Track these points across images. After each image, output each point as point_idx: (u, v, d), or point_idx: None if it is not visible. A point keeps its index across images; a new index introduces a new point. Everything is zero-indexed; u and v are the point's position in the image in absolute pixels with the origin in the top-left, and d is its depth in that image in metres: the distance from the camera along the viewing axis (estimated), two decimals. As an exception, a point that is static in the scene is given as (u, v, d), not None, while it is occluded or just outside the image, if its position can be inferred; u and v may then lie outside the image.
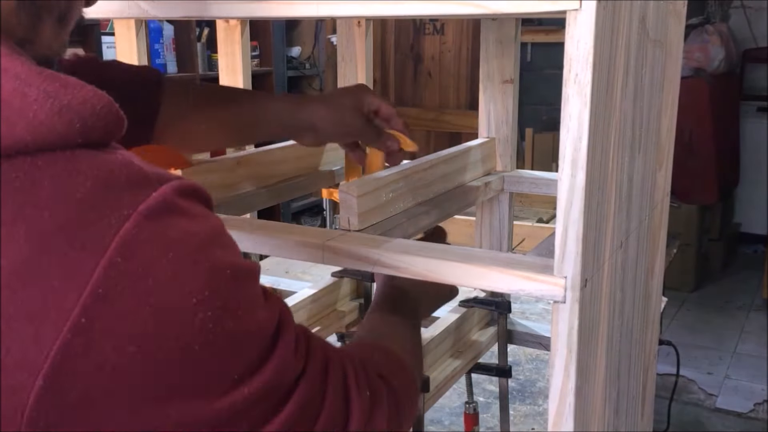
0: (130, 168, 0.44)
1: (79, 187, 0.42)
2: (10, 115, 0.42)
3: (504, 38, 1.08)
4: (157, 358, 0.42)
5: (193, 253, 0.44)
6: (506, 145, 1.12)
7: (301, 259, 0.74)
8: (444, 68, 4.74)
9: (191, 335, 0.43)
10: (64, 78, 0.45)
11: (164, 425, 0.43)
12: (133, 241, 0.42)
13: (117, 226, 0.42)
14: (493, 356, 1.13)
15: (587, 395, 0.69)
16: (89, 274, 0.41)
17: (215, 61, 3.94)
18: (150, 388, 0.43)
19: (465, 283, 0.68)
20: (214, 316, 0.44)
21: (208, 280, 0.44)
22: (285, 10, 0.72)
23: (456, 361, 1.02)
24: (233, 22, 1.20)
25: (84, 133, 0.43)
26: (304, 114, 0.93)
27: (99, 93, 0.45)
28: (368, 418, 0.60)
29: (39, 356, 0.40)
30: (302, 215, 4.64)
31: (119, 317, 0.41)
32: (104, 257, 0.41)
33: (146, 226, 0.42)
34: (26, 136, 0.41)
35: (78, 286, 0.40)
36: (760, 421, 3.09)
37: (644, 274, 0.93)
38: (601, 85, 0.61)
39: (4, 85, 0.42)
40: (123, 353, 0.41)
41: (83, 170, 0.42)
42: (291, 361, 0.52)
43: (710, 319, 4.08)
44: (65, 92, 0.44)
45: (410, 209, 0.89)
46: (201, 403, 0.45)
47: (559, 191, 0.61)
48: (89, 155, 0.43)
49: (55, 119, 0.42)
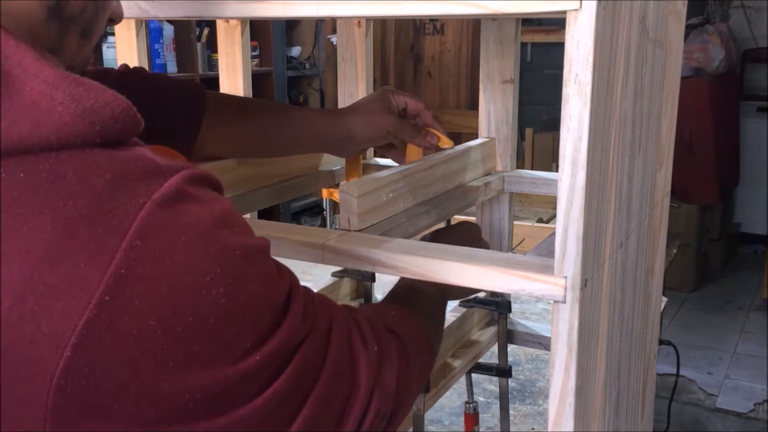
0: (144, 161, 0.48)
1: (98, 179, 0.46)
2: (37, 115, 0.46)
3: (504, 38, 1.08)
4: (175, 330, 0.46)
5: (204, 235, 0.48)
6: (506, 145, 1.12)
7: (301, 259, 0.74)
8: (444, 68, 4.74)
9: (206, 310, 0.47)
10: (88, 82, 0.48)
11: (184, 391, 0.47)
12: (149, 226, 0.46)
13: (134, 213, 0.46)
14: (493, 356, 1.13)
15: (587, 395, 0.69)
16: (112, 256, 0.45)
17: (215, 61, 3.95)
18: (169, 359, 0.46)
19: (465, 283, 0.68)
20: (227, 292, 0.48)
21: (218, 260, 0.48)
22: (285, 10, 0.72)
23: (456, 361, 1.02)
24: (233, 22, 1.20)
25: (103, 134, 0.47)
26: (339, 124, 0.96)
27: (119, 97, 0.49)
28: (377, 374, 0.62)
29: (67, 330, 0.44)
30: (302, 215, 4.64)
31: (140, 295, 0.45)
32: (125, 240, 0.45)
33: (160, 213, 0.46)
34: (51, 136, 0.46)
35: (101, 266, 0.44)
36: (760, 421, 3.09)
37: (644, 274, 0.93)
38: (601, 85, 0.61)
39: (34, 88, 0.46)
40: (144, 327, 0.45)
41: (102, 164, 0.47)
42: (299, 327, 0.55)
43: (710, 319, 4.08)
44: (88, 96, 0.48)
45: (410, 209, 0.89)
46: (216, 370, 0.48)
47: (559, 191, 0.61)
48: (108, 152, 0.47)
49: (78, 120, 0.46)
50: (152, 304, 0.45)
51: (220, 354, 0.49)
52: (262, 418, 0.53)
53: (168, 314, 0.46)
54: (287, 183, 1.09)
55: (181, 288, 0.46)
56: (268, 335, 0.52)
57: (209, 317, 0.47)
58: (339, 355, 0.59)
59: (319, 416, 0.57)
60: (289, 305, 0.55)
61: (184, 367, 0.47)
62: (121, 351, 0.45)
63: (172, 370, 0.47)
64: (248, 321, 0.50)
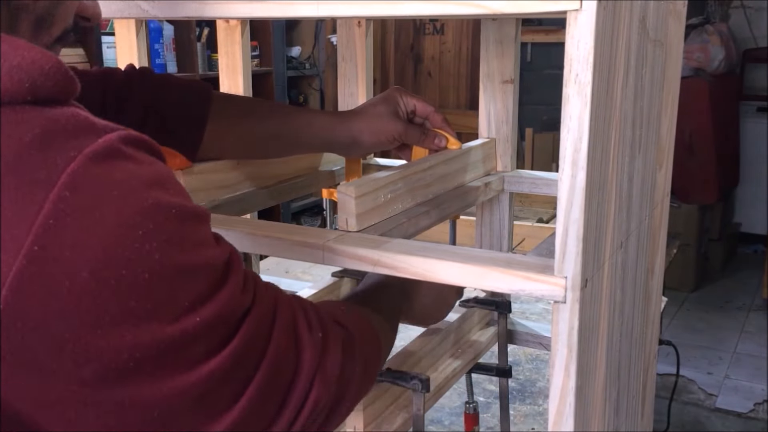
0: (77, 117, 0.48)
1: (27, 133, 0.45)
2: None
3: (504, 38, 1.08)
4: (108, 283, 0.46)
5: (137, 191, 0.48)
6: (506, 145, 1.12)
7: (301, 259, 0.74)
8: (444, 68, 4.74)
9: (139, 264, 0.47)
10: (14, 40, 0.48)
11: (121, 348, 0.47)
12: (80, 179, 0.45)
13: (63, 165, 0.45)
14: (493, 356, 1.13)
15: (587, 395, 0.69)
16: (39, 206, 0.44)
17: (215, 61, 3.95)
18: (104, 313, 0.46)
19: (465, 283, 0.68)
20: (160, 247, 0.48)
21: (151, 215, 0.48)
22: (285, 10, 0.72)
23: (456, 361, 1.02)
24: (233, 22, 1.20)
25: (33, 91, 0.47)
26: (343, 129, 0.95)
27: (47, 54, 0.48)
28: (319, 361, 0.61)
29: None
30: (302, 215, 4.64)
31: (70, 246, 0.45)
32: (53, 192, 0.44)
33: (92, 167, 0.46)
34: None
35: (29, 217, 0.44)
36: (760, 421, 3.09)
37: (644, 274, 0.93)
38: (601, 85, 0.61)
39: None
40: (75, 279, 0.45)
41: (31, 120, 0.46)
42: (239, 296, 0.54)
43: (710, 319, 4.08)
44: (14, 54, 0.47)
45: (410, 210, 0.89)
46: (153, 327, 0.48)
47: (559, 191, 0.61)
48: (38, 109, 0.47)
49: (6, 79, 0.46)
50: (83, 255, 0.45)
51: (156, 311, 0.48)
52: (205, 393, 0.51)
53: (100, 266, 0.45)
54: (287, 183, 1.09)
55: (113, 240, 0.46)
56: (207, 297, 0.51)
57: (143, 272, 0.47)
58: (283, 336, 0.58)
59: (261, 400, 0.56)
60: (228, 273, 0.54)
61: (120, 322, 0.46)
62: (53, 303, 0.44)
63: (108, 324, 0.46)
64: (184, 280, 0.49)
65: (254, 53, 4.28)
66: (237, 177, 1.00)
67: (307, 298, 0.68)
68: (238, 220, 0.85)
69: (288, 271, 1.92)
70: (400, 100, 0.97)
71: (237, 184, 1.00)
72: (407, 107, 0.98)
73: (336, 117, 0.98)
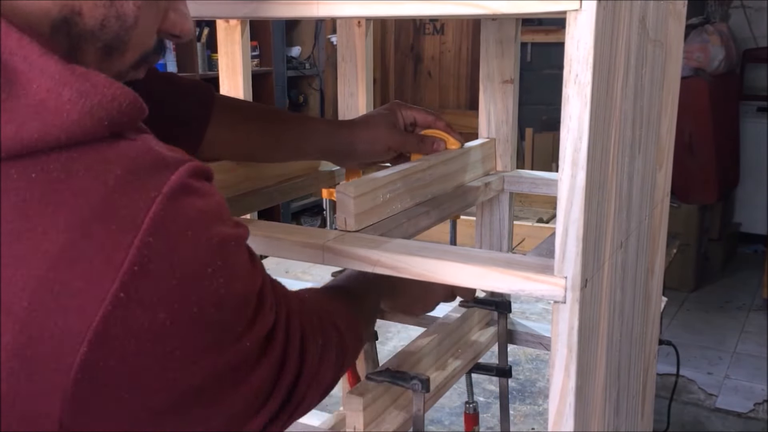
0: (152, 153, 0.49)
1: (110, 175, 0.46)
2: (46, 116, 0.46)
3: (504, 38, 1.08)
4: (183, 321, 0.48)
5: (207, 229, 0.50)
6: (506, 145, 1.12)
7: (301, 259, 0.74)
8: (444, 68, 4.74)
9: (208, 300, 0.49)
10: (95, 76, 0.48)
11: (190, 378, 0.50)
12: (160, 221, 0.47)
13: (145, 208, 0.46)
14: (493, 356, 1.13)
15: (587, 395, 0.69)
16: (126, 253, 0.45)
17: (215, 61, 3.95)
18: (176, 348, 0.48)
19: (465, 283, 0.68)
20: (225, 282, 0.50)
21: (219, 252, 0.50)
22: (285, 10, 0.72)
23: (456, 361, 1.02)
24: (233, 22, 1.20)
25: (111, 128, 0.48)
26: (341, 138, 0.96)
27: (126, 90, 0.49)
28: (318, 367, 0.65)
29: (83, 326, 0.44)
30: (302, 215, 4.64)
31: (152, 289, 0.46)
32: (137, 237, 0.46)
33: (170, 206, 0.47)
34: (61, 135, 0.46)
35: (116, 263, 0.45)
36: (760, 421, 3.09)
37: (644, 274, 0.93)
38: (601, 85, 0.61)
39: (41, 85, 0.46)
40: (155, 320, 0.46)
41: (112, 159, 0.47)
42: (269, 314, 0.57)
43: (710, 319, 4.08)
44: (96, 91, 0.47)
45: (410, 210, 0.89)
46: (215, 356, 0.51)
47: (559, 191, 0.61)
48: (116, 145, 0.48)
49: (87, 118, 0.47)
50: (162, 297, 0.46)
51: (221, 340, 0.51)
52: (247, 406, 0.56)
53: (176, 306, 0.47)
54: (287, 183, 1.09)
55: (189, 281, 0.48)
56: (252, 321, 0.54)
57: (210, 307, 0.49)
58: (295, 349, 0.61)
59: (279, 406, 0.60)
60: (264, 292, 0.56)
61: (191, 356, 0.49)
62: (134, 343, 0.46)
63: (179, 359, 0.48)
64: (240, 307, 0.52)
65: (254, 53, 4.28)
66: (237, 177, 1.00)
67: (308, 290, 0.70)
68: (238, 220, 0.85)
69: (288, 271, 1.92)
70: (400, 112, 0.99)
71: (237, 184, 1.00)
72: (406, 119, 0.99)
73: (334, 125, 0.99)
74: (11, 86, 0.46)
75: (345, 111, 1.25)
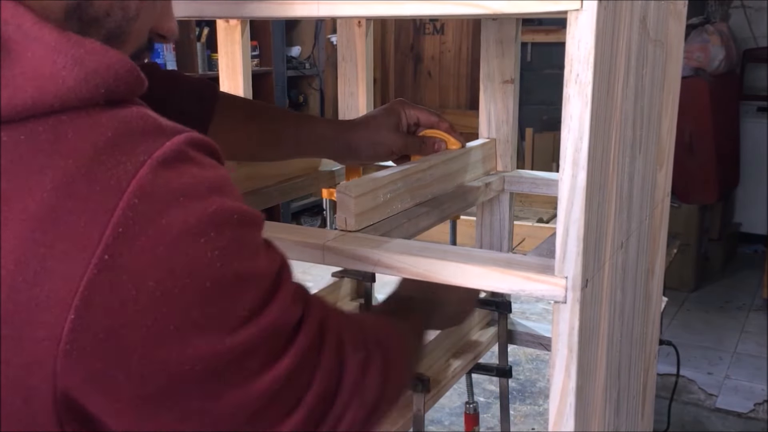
0: (146, 119, 0.48)
1: (99, 137, 0.45)
2: (41, 82, 0.45)
3: (504, 38, 1.08)
4: (173, 293, 0.45)
5: (202, 197, 0.47)
6: (506, 145, 1.12)
7: (301, 259, 0.74)
8: (444, 68, 4.74)
9: (202, 272, 0.47)
10: (90, 43, 0.48)
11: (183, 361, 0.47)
12: (148, 184, 0.45)
13: (133, 171, 0.45)
14: (493, 356, 1.13)
15: (588, 395, 0.69)
16: (110, 214, 0.44)
17: (215, 60, 3.94)
18: (169, 322, 0.46)
19: (465, 284, 0.68)
20: (221, 255, 0.47)
21: (214, 222, 0.47)
22: (285, 10, 0.72)
23: (456, 361, 1.02)
24: (233, 22, 1.20)
25: (107, 95, 0.47)
26: (342, 138, 0.96)
27: (122, 58, 0.49)
28: (361, 380, 0.60)
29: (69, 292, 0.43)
30: (302, 215, 4.63)
31: (138, 254, 0.44)
32: (122, 199, 0.44)
33: (160, 171, 0.46)
34: (55, 102, 0.45)
35: (100, 225, 0.44)
36: (760, 421, 3.09)
37: (644, 274, 0.93)
38: (602, 85, 0.61)
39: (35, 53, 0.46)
40: (143, 288, 0.44)
41: (103, 123, 0.46)
42: (290, 306, 0.54)
43: (710, 319, 4.08)
44: (91, 58, 0.47)
45: (411, 210, 0.89)
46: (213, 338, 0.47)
47: (560, 191, 0.61)
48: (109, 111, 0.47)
49: (82, 84, 0.46)
50: (150, 263, 0.45)
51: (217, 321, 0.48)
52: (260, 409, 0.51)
53: (165, 275, 0.45)
54: (287, 183, 1.09)
55: (178, 248, 0.46)
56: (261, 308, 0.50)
57: (205, 280, 0.47)
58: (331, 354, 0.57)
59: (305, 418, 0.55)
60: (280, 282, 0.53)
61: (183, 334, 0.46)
62: (122, 313, 0.44)
63: (171, 335, 0.46)
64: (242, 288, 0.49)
65: (254, 53, 4.28)
66: (237, 177, 1.00)
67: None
68: (238, 220, 0.85)
69: (288, 271, 1.91)
70: (403, 113, 0.98)
71: (237, 184, 0.99)
72: (409, 120, 0.99)
73: (336, 126, 0.99)
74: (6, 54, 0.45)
75: (345, 111, 1.25)
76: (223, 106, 0.93)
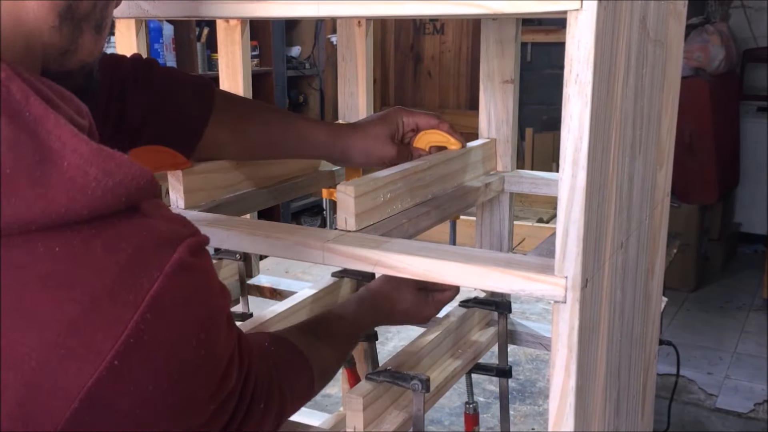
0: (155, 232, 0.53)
1: (122, 253, 0.51)
2: (74, 192, 0.49)
3: (504, 38, 1.08)
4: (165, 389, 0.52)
5: (198, 306, 0.54)
6: (506, 145, 1.12)
7: (301, 259, 0.74)
8: (444, 68, 4.74)
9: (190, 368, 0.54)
10: (119, 156, 0.52)
11: None
12: (159, 299, 0.51)
13: (148, 287, 0.51)
14: (493, 356, 1.13)
15: (588, 395, 0.69)
16: (125, 326, 0.50)
17: (215, 60, 3.94)
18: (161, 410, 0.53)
19: (465, 283, 0.68)
20: (207, 352, 0.55)
21: (205, 326, 0.55)
22: (285, 10, 0.72)
23: (456, 361, 1.02)
24: (233, 22, 1.20)
25: (127, 203, 0.52)
26: (337, 144, 0.97)
27: (144, 170, 0.53)
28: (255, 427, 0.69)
29: (78, 386, 0.49)
30: (302, 215, 4.63)
31: (142, 361, 0.51)
32: (137, 313, 0.50)
33: (169, 285, 0.52)
34: (84, 210, 0.50)
35: (115, 335, 0.49)
36: (760, 421, 3.09)
37: (644, 274, 0.93)
38: (601, 85, 0.61)
39: (71, 163, 0.50)
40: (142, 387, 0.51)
41: (126, 236, 0.51)
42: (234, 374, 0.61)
43: (710, 319, 4.08)
44: (119, 171, 0.51)
45: (411, 210, 0.89)
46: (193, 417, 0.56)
47: (559, 191, 0.61)
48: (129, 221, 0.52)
49: (109, 195, 0.51)
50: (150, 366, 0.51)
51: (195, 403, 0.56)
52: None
53: (162, 380, 0.52)
54: (287, 183, 1.09)
55: (176, 356, 0.53)
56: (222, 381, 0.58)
57: (191, 374, 0.54)
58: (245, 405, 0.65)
59: None
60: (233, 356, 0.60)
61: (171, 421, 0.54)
62: (122, 405, 0.50)
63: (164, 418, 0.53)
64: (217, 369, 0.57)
65: (254, 53, 4.28)
66: (237, 177, 1.00)
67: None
68: (238, 220, 0.85)
69: (288, 271, 1.92)
70: (400, 121, 0.98)
71: (237, 184, 1.00)
72: (407, 127, 0.99)
73: (332, 131, 0.99)
74: (45, 164, 0.49)
75: (345, 111, 1.25)
76: (221, 105, 0.93)
